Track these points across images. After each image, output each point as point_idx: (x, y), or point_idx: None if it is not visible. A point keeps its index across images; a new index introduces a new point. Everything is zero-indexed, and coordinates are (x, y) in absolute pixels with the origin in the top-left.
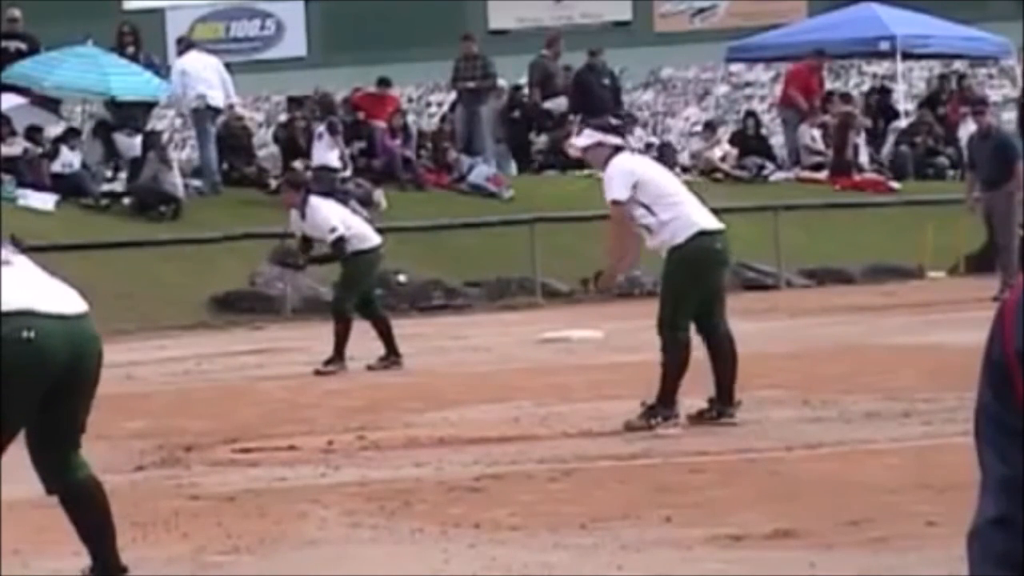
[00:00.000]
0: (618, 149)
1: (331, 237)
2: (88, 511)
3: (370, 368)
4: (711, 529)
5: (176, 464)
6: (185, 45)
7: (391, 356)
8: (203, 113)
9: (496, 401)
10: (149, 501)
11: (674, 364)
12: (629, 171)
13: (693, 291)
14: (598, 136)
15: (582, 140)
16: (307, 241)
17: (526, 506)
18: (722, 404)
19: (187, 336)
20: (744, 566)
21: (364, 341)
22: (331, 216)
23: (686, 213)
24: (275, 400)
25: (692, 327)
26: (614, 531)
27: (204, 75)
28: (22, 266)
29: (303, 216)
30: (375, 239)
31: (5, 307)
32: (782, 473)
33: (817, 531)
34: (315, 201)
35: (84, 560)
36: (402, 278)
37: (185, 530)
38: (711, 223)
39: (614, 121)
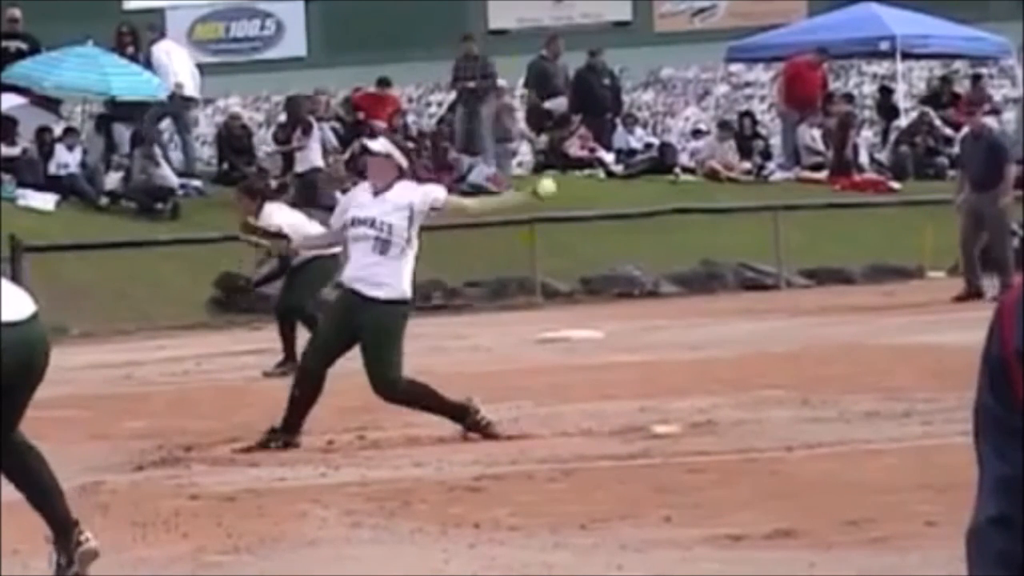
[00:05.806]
0: (401, 174)
1: None
2: (26, 474)
3: (266, 375)
4: (711, 529)
5: (176, 464)
6: (159, 34)
7: (289, 363)
8: (176, 101)
9: (496, 401)
10: (149, 501)
11: (434, 400)
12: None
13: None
14: (391, 148)
15: (376, 145)
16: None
17: (526, 506)
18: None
19: (187, 336)
20: (744, 566)
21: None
22: (281, 224)
23: (408, 273)
24: (275, 400)
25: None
26: (614, 531)
27: (177, 65)
28: None
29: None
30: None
31: None
32: (782, 473)
33: (817, 531)
34: (268, 208)
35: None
36: None
37: (185, 530)
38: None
39: (411, 145)
